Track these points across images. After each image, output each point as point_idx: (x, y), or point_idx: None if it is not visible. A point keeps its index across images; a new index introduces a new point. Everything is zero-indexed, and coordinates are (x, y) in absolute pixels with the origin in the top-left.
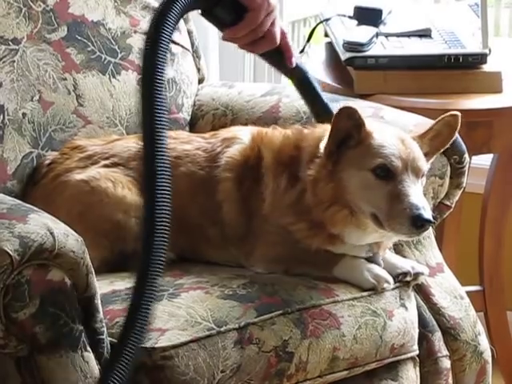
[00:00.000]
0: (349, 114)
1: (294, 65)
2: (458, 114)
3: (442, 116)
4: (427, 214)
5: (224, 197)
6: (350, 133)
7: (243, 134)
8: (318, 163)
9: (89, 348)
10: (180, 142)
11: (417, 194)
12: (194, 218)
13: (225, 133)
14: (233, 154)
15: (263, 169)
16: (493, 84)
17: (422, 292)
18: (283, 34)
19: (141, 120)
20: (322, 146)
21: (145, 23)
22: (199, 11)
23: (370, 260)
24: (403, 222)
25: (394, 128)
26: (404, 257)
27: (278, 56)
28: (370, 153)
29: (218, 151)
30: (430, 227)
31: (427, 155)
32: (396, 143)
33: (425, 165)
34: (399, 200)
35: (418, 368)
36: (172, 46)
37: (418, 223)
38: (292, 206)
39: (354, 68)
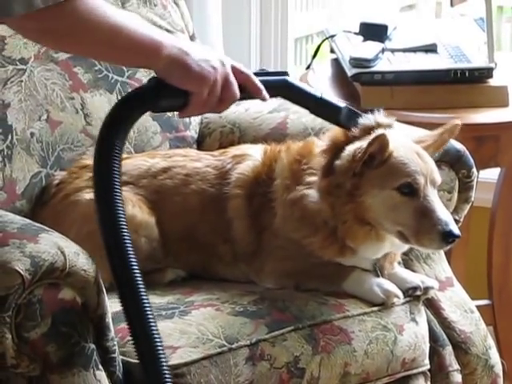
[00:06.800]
0: (382, 142)
1: (269, 97)
2: (459, 122)
3: (446, 126)
4: (456, 229)
5: (234, 214)
6: (373, 155)
7: (254, 151)
8: (331, 180)
9: (101, 366)
10: (190, 160)
11: (441, 208)
12: (205, 236)
13: (234, 150)
14: (244, 171)
15: (274, 184)
16: (499, 98)
17: (432, 306)
18: (245, 76)
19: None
20: (338, 164)
21: None
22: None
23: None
24: (433, 238)
25: (405, 138)
26: (413, 271)
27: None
28: (392, 172)
29: (228, 168)
30: None
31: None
32: (415, 158)
33: (439, 175)
34: (427, 216)
35: (429, 382)
36: None
37: (449, 239)
38: (305, 220)
39: (360, 84)
